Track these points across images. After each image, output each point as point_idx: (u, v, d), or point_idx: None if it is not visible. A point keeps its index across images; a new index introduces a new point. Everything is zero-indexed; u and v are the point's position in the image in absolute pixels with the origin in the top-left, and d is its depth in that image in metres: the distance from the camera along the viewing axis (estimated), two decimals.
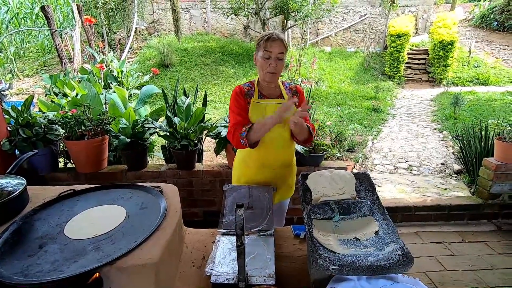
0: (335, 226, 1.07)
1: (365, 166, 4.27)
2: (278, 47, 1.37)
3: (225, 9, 9.93)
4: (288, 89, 1.56)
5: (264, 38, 1.38)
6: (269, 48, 1.37)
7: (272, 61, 1.38)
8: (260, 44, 1.39)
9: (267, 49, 1.37)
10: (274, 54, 1.38)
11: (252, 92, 1.49)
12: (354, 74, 9.75)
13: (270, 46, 1.37)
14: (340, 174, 1.22)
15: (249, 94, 1.49)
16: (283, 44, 1.38)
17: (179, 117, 2.33)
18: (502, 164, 2.35)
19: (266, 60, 1.39)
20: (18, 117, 2.11)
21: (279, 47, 1.37)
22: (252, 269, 1.04)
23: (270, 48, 1.37)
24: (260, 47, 1.39)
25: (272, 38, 1.36)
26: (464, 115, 6.13)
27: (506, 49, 10.95)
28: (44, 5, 6.45)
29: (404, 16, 11.60)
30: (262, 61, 1.40)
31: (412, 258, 0.89)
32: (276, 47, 1.37)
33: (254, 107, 1.47)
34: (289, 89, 1.56)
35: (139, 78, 6.68)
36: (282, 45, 1.38)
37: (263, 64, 1.40)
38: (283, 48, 1.39)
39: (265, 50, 1.37)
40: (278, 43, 1.37)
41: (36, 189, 1.20)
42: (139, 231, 0.92)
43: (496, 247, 2.16)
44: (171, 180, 2.31)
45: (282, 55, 1.39)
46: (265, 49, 1.37)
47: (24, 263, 0.80)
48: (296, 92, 1.56)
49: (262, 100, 1.48)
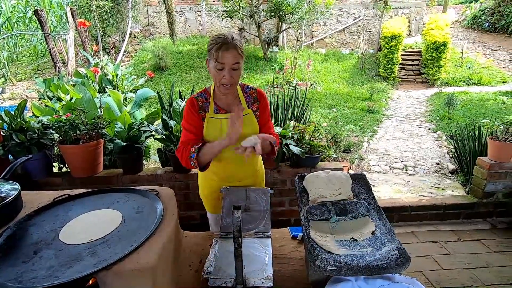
0: (332, 227, 1.08)
1: (361, 167, 4.30)
2: (232, 57, 1.17)
3: (220, 12, 9.96)
4: (248, 95, 1.37)
5: (214, 46, 1.16)
6: (221, 59, 1.16)
7: (226, 73, 1.19)
8: (211, 52, 1.18)
9: (219, 60, 1.16)
10: (228, 65, 1.18)
11: (207, 105, 1.32)
12: (349, 75, 9.83)
13: (222, 57, 1.16)
14: (336, 175, 1.22)
15: (203, 108, 1.31)
16: (237, 52, 1.18)
17: (175, 120, 2.32)
18: (495, 163, 2.38)
19: (219, 72, 1.19)
20: (12, 122, 2.09)
21: (233, 56, 1.17)
22: (249, 272, 1.04)
23: (222, 59, 1.16)
24: (211, 56, 1.18)
25: (224, 47, 1.15)
26: (457, 115, 6.21)
27: (498, 49, 11.14)
28: (38, 8, 6.41)
29: (397, 18, 11.75)
30: (214, 71, 1.20)
31: (409, 257, 0.90)
32: (230, 57, 1.16)
33: (209, 122, 1.30)
34: (249, 95, 1.37)
35: (134, 82, 6.66)
36: (236, 54, 1.17)
37: (216, 76, 1.21)
38: (238, 57, 1.18)
39: (217, 61, 1.17)
40: (231, 53, 1.16)
41: (30, 194, 1.19)
42: (135, 235, 0.91)
43: (491, 246, 2.18)
44: (168, 183, 2.30)
45: (237, 65, 1.20)
46: (217, 60, 1.16)
47: (19, 270, 0.79)
48: (256, 99, 1.37)
49: (218, 114, 1.31)
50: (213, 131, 1.31)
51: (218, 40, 1.17)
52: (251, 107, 1.35)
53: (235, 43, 1.18)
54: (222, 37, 1.17)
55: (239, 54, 1.19)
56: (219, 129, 1.31)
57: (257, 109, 1.36)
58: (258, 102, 1.37)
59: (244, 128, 1.30)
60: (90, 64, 6.48)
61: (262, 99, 1.38)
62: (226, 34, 1.19)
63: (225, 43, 1.15)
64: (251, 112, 1.34)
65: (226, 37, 1.17)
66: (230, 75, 1.19)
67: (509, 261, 2.01)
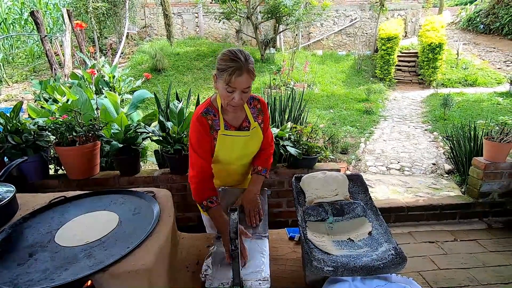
0: (329, 227, 1.08)
1: (358, 168, 4.31)
2: (245, 82, 1.12)
3: (217, 13, 9.97)
4: (253, 107, 1.35)
5: (227, 70, 1.09)
6: (233, 84, 1.11)
7: (236, 95, 1.14)
8: (223, 75, 1.11)
9: (231, 84, 1.11)
10: (239, 89, 1.13)
11: (217, 122, 1.26)
12: (345, 77, 9.87)
13: (234, 82, 1.10)
14: (333, 175, 1.23)
15: (213, 127, 1.26)
16: (249, 76, 1.12)
17: (172, 122, 2.32)
18: (491, 163, 2.40)
19: (228, 94, 1.14)
20: (7, 124, 2.07)
21: (246, 81, 1.12)
22: (247, 273, 1.04)
23: (234, 84, 1.11)
24: (222, 77, 1.12)
25: (237, 72, 1.09)
26: (453, 116, 6.25)
27: (493, 51, 11.25)
28: (34, 10, 6.37)
29: (394, 20, 11.84)
30: (224, 92, 1.15)
31: (405, 257, 0.90)
32: (243, 83, 1.11)
33: (222, 140, 1.27)
34: (253, 107, 1.35)
35: (131, 83, 6.64)
36: (249, 78, 1.12)
37: (225, 96, 1.15)
38: (250, 81, 1.13)
39: (228, 84, 1.11)
40: (245, 78, 1.11)
41: (26, 197, 1.18)
42: (132, 237, 0.91)
43: (488, 245, 2.20)
44: (165, 185, 2.29)
45: (248, 89, 1.15)
46: (228, 84, 1.11)
47: (14, 272, 0.78)
48: (261, 111, 1.36)
49: (228, 131, 1.28)
50: (225, 148, 1.29)
51: (232, 64, 1.09)
52: (256, 120, 1.34)
53: (249, 67, 1.11)
54: (235, 60, 1.10)
55: (251, 77, 1.14)
56: (231, 147, 1.30)
57: (262, 121, 1.36)
58: (262, 113, 1.36)
59: (252, 143, 1.35)
60: (87, 65, 6.45)
61: (265, 110, 1.37)
62: (239, 55, 1.11)
63: (239, 68, 1.09)
64: (257, 125, 1.33)
65: (240, 59, 1.10)
66: (240, 97, 1.14)
67: (505, 261, 2.02)
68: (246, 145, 1.33)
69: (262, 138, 1.37)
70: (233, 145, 1.30)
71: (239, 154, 1.34)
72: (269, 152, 1.45)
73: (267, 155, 1.43)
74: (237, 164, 1.39)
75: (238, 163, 1.39)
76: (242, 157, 1.37)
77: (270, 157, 1.44)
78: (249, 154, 1.37)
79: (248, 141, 1.32)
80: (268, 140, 1.43)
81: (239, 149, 1.32)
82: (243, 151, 1.34)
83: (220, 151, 1.29)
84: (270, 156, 1.44)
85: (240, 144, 1.31)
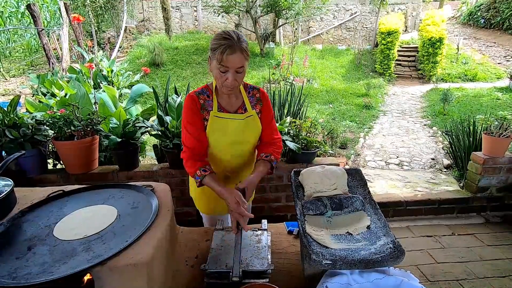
0: (328, 221, 1.08)
1: (357, 163, 4.32)
2: (237, 61, 1.10)
3: (216, 7, 9.86)
4: (251, 95, 1.32)
5: (219, 48, 1.08)
6: (226, 62, 1.09)
7: (230, 76, 1.12)
8: (215, 53, 1.10)
9: (223, 63, 1.09)
10: (233, 68, 1.11)
11: (209, 103, 1.25)
12: (345, 71, 9.83)
13: (227, 60, 1.09)
14: (332, 169, 1.23)
15: (205, 107, 1.24)
16: (243, 55, 1.11)
17: (171, 116, 2.31)
18: (489, 158, 2.40)
19: (222, 74, 1.13)
20: (4, 118, 2.06)
21: (238, 60, 1.10)
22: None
23: (227, 63, 1.09)
24: (215, 57, 1.11)
25: (229, 50, 1.07)
26: (453, 111, 6.25)
27: (493, 46, 11.19)
28: (30, 3, 6.29)
29: (394, 14, 11.74)
30: (217, 73, 1.13)
31: (403, 251, 0.90)
32: (235, 61, 1.10)
33: (214, 121, 1.24)
34: (252, 96, 1.32)
35: (129, 77, 6.61)
36: (242, 57, 1.11)
37: (219, 77, 1.14)
38: (243, 61, 1.12)
39: (221, 64, 1.10)
40: (237, 56, 1.09)
41: (24, 191, 1.18)
42: (130, 231, 0.91)
43: (485, 239, 2.21)
44: (164, 179, 2.29)
45: (242, 68, 1.13)
46: (221, 62, 1.09)
47: (12, 266, 0.78)
48: (260, 100, 1.33)
49: (222, 113, 1.25)
50: (217, 131, 1.25)
51: (224, 41, 1.08)
52: (254, 108, 1.31)
53: (241, 45, 1.10)
54: (228, 38, 1.09)
55: (245, 57, 1.12)
56: (224, 130, 1.25)
57: (260, 111, 1.33)
58: (261, 103, 1.33)
59: (248, 131, 1.29)
60: (85, 59, 6.41)
61: (265, 100, 1.34)
62: (232, 34, 1.11)
63: (231, 45, 1.07)
64: (255, 114, 1.30)
65: (232, 38, 1.09)
66: (233, 78, 1.12)
67: (502, 255, 2.04)
68: (240, 132, 1.27)
69: (260, 128, 1.32)
70: (226, 129, 1.25)
71: (231, 140, 1.28)
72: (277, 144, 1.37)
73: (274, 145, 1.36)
74: (231, 153, 1.31)
75: (231, 152, 1.31)
76: (235, 145, 1.29)
77: (278, 149, 1.36)
78: (243, 142, 1.31)
79: (242, 127, 1.27)
80: (271, 131, 1.37)
81: (231, 135, 1.26)
82: (236, 137, 1.27)
83: (211, 134, 1.25)
84: (279, 148, 1.36)
85: (233, 129, 1.26)
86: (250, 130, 1.30)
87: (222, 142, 1.28)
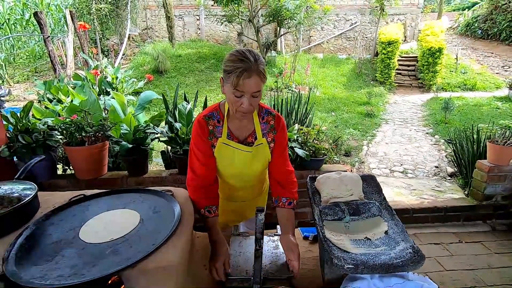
0: (346, 226, 1.10)
1: (361, 170, 4.34)
2: (254, 85, 0.99)
3: (219, 16, 10.02)
4: (265, 122, 1.19)
5: (235, 72, 0.97)
6: (242, 87, 0.99)
7: (245, 101, 1.01)
8: (230, 77, 0.99)
9: (239, 88, 0.99)
10: (248, 93, 1.01)
11: (219, 130, 1.16)
12: (346, 80, 9.94)
13: (243, 85, 0.98)
14: (348, 176, 1.25)
15: (213, 134, 1.16)
16: (260, 78, 1.00)
17: (181, 122, 2.34)
18: (495, 166, 2.43)
19: (236, 99, 1.03)
20: (17, 123, 2.08)
21: (255, 84, 0.99)
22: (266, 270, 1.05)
23: (243, 88, 0.99)
24: (229, 80, 1.00)
25: (246, 74, 0.97)
26: (454, 120, 6.31)
27: (491, 56, 11.37)
28: (37, 11, 6.39)
29: (393, 24, 11.94)
30: (232, 97, 1.03)
31: (423, 256, 0.92)
32: (252, 86, 0.99)
33: (221, 149, 1.17)
34: (265, 122, 1.19)
35: (133, 84, 6.66)
36: (259, 81, 1.00)
37: (233, 102, 1.04)
38: (260, 85, 1.01)
39: (235, 88, 0.99)
40: (254, 80, 0.98)
41: (44, 195, 1.19)
42: (155, 234, 0.93)
43: (492, 247, 2.22)
44: (173, 185, 2.30)
45: (258, 93, 1.03)
46: (236, 87, 0.99)
47: (43, 268, 0.80)
48: (273, 128, 1.20)
49: (230, 142, 1.16)
50: (224, 160, 1.19)
51: (240, 64, 0.97)
52: (265, 136, 1.19)
53: (259, 68, 0.99)
54: (244, 60, 0.98)
55: (262, 80, 1.01)
56: (230, 160, 1.19)
57: (272, 140, 1.20)
58: (275, 131, 1.20)
59: (256, 161, 1.21)
60: (90, 66, 6.47)
61: (280, 129, 1.20)
62: (248, 55, 0.99)
63: (247, 69, 0.97)
64: (265, 142, 1.19)
65: (249, 60, 0.98)
66: (249, 102, 1.02)
67: (509, 262, 2.05)
68: (248, 163, 1.20)
69: (268, 157, 1.21)
70: (233, 159, 1.18)
71: (239, 171, 1.22)
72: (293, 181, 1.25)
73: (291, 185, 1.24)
74: (237, 180, 1.27)
75: (237, 179, 1.26)
76: (242, 176, 1.24)
77: (295, 188, 1.24)
78: (250, 174, 1.24)
79: (250, 159, 1.19)
80: (283, 162, 1.24)
81: (239, 166, 1.20)
82: (244, 169, 1.21)
83: (219, 161, 1.20)
84: (295, 186, 1.24)
85: (241, 160, 1.19)
86: (258, 161, 1.21)
87: (229, 170, 1.24)
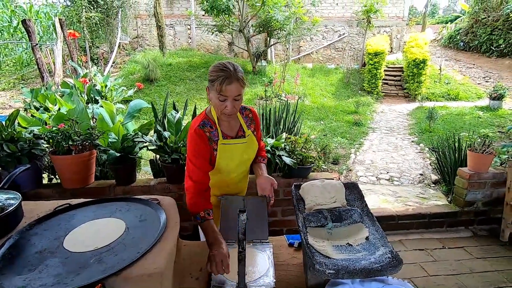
0: (329, 233, 1.13)
1: (349, 178, 4.41)
2: (235, 90, 1.20)
3: (210, 26, 10.15)
4: (245, 116, 1.44)
5: (218, 79, 1.18)
6: (224, 92, 1.19)
7: (229, 104, 1.22)
8: (214, 84, 1.20)
9: (222, 93, 1.20)
10: (231, 97, 1.21)
11: (215, 134, 1.33)
12: (335, 89, 10.14)
13: (225, 90, 1.19)
14: (331, 183, 1.29)
15: (211, 139, 1.33)
16: (239, 84, 1.21)
17: (170, 131, 2.35)
18: (474, 173, 2.52)
19: (221, 102, 1.23)
20: (2, 132, 2.06)
21: (236, 89, 1.20)
22: (253, 279, 1.07)
23: (225, 93, 1.20)
24: (214, 88, 1.21)
25: (227, 81, 1.17)
26: (438, 128, 6.50)
27: (472, 67, 11.84)
28: (26, 19, 6.34)
29: (380, 36, 12.34)
30: (217, 101, 1.23)
31: (401, 260, 0.96)
32: (233, 90, 1.20)
33: (222, 149, 1.34)
34: (246, 117, 1.44)
35: (123, 93, 6.63)
36: (239, 86, 1.21)
37: (218, 105, 1.24)
38: (240, 89, 1.22)
39: (220, 93, 1.20)
40: (234, 86, 1.19)
41: (29, 204, 1.19)
42: (141, 243, 0.94)
43: (474, 252, 2.29)
44: (161, 194, 2.28)
45: (239, 96, 1.24)
46: (220, 92, 1.19)
47: (26, 277, 0.80)
48: (252, 120, 1.46)
49: (228, 140, 1.36)
50: (226, 157, 1.36)
51: (221, 73, 1.18)
52: (250, 128, 1.44)
53: (238, 75, 1.20)
54: (225, 70, 1.19)
55: (241, 85, 1.22)
56: (230, 155, 1.37)
57: (254, 130, 1.46)
58: (254, 122, 1.46)
59: (249, 150, 1.43)
60: (79, 74, 6.42)
61: (256, 118, 1.47)
62: (228, 65, 1.21)
63: (228, 76, 1.18)
64: (251, 133, 1.43)
65: (229, 69, 1.19)
66: (232, 105, 1.23)
67: (490, 267, 2.12)
68: (244, 152, 1.42)
69: (257, 145, 1.47)
70: (233, 153, 1.38)
71: (238, 161, 1.42)
72: (263, 147, 1.62)
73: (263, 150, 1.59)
74: (237, 172, 1.46)
75: (237, 171, 1.46)
76: (241, 164, 1.45)
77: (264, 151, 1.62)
78: (246, 160, 1.46)
79: (245, 148, 1.41)
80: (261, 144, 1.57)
81: (238, 157, 1.40)
82: (242, 158, 1.42)
83: (221, 160, 1.36)
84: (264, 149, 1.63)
85: (239, 152, 1.39)
86: (251, 149, 1.44)
87: (230, 165, 1.40)
